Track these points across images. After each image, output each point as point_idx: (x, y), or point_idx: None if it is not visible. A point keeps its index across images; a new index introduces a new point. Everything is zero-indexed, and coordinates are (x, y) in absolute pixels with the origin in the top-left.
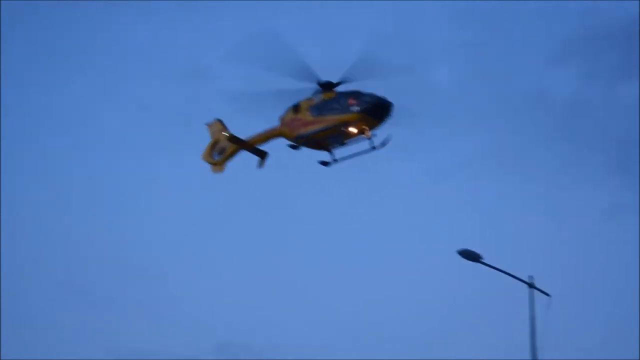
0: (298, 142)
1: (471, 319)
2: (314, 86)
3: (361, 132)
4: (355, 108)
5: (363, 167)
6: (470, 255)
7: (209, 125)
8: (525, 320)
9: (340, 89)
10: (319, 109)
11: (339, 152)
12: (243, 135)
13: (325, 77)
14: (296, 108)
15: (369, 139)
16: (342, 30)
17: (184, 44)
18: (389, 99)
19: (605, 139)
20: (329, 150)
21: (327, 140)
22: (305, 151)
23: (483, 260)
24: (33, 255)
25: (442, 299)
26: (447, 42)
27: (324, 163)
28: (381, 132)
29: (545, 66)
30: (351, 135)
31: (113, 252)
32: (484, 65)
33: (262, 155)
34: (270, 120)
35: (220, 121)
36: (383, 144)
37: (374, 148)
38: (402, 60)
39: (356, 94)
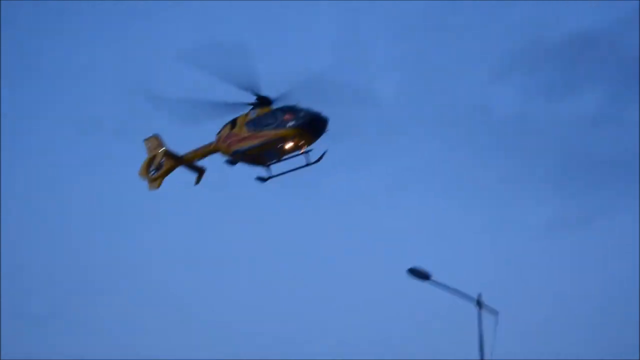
0: (235, 157)
1: (422, 337)
2: (250, 101)
3: (297, 147)
4: (291, 123)
5: (308, 183)
6: (420, 274)
7: (146, 140)
8: (475, 337)
9: (277, 104)
10: (255, 124)
11: (276, 167)
12: (180, 150)
13: (265, 92)
14: (233, 123)
15: (305, 154)
16: (285, 45)
17: (127, 55)
18: (324, 115)
19: (547, 154)
20: (266, 166)
21: (263, 155)
22: (242, 167)
23: (432, 279)
24: (34, 256)
25: (392, 318)
26: (390, 55)
27: (262, 179)
28: (318, 147)
29: (488, 80)
30: (287, 150)
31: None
32: (427, 79)
33: (200, 171)
34: (208, 134)
35: (157, 137)
36: (319, 159)
37: (310, 163)
38: (346, 74)
39: (292, 110)
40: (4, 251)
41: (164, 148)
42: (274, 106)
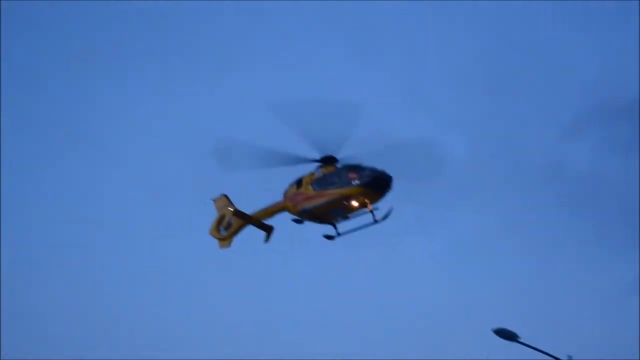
0: (302, 216)
1: None
2: (316, 159)
3: (363, 205)
4: (356, 182)
5: (378, 243)
6: (506, 334)
7: (215, 200)
8: None
9: (342, 163)
10: (321, 183)
11: (343, 225)
12: (248, 210)
13: (330, 151)
14: (299, 183)
15: (371, 212)
16: (346, 103)
17: (189, 117)
18: (389, 173)
19: (625, 211)
20: (332, 224)
21: (329, 213)
22: (309, 225)
23: (519, 340)
24: (36, 255)
25: None
26: (459, 113)
27: (329, 237)
28: (383, 205)
29: (560, 138)
30: (353, 208)
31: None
32: (497, 137)
33: (268, 229)
34: (274, 194)
35: (225, 196)
36: (385, 216)
37: (376, 221)
38: (412, 131)
39: (356, 168)
40: (4, 251)
41: (232, 207)
42: (339, 165)
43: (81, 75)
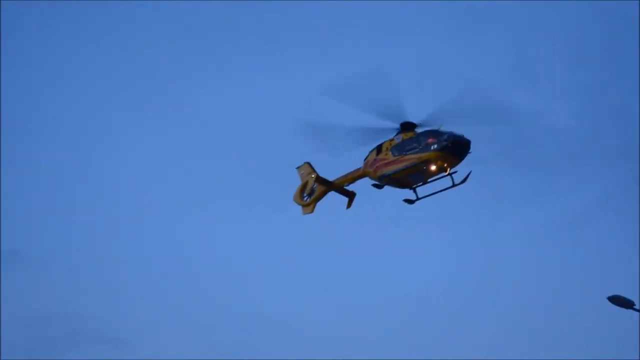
0: (382, 181)
1: None
2: (395, 126)
3: (442, 169)
4: (434, 147)
5: (491, 214)
6: (622, 302)
7: (299, 168)
8: None
9: (422, 129)
10: (400, 148)
11: (422, 189)
12: (330, 176)
13: (411, 117)
14: (379, 149)
15: (450, 176)
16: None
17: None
18: (466, 137)
19: None
20: (412, 188)
21: (408, 178)
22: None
23: (636, 307)
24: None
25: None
26: (567, 84)
27: (409, 201)
28: (462, 169)
29: None
30: (432, 173)
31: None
32: (607, 108)
33: (350, 195)
34: (355, 161)
35: (309, 164)
36: (463, 180)
37: (455, 184)
38: (519, 101)
39: (434, 133)
40: (4, 249)
41: (315, 174)
42: (418, 130)
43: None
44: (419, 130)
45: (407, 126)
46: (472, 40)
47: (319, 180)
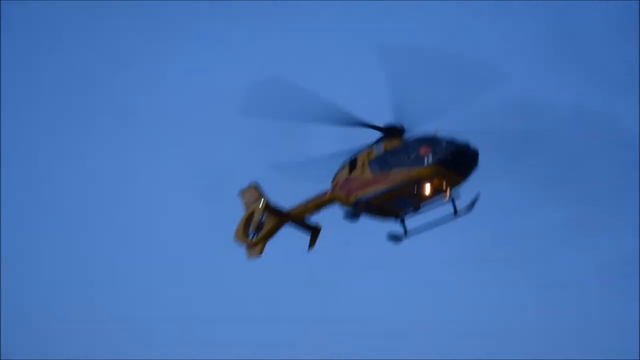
0: (357, 209)
1: None
2: (374, 133)
3: (438, 191)
4: (429, 159)
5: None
6: None
7: (243, 192)
8: None
9: (410, 135)
10: (382, 163)
11: (413, 220)
12: (287, 203)
13: (396, 120)
14: (352, 164)
15: (451, 200)
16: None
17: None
18: (473, 146)
19: None
20: (398, 219)
21: (394, 204)
22: (367, 221)
23: None
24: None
25: None
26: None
27: (395, 238)
28: (466, 191)
29: None
30: (427, 196)
31: None
32: None
33: (313, 230)
34: (321, 182)
35: (256, 186)
36: (470, 206)
37: (457, 213)
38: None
39: (429, 141)
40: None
41: (264, 200)
42: (407, 137)
43: None
44: (407, 137)
45: (391, 131)
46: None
47: (270, 209)
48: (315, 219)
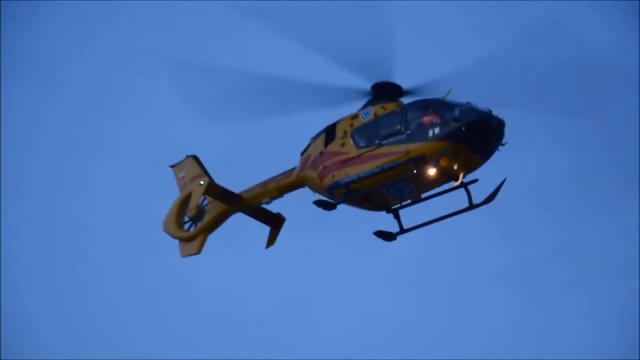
0: (334, 195)
1: None
2: (363, 92)
3: (449, 175)
4: (435, 131)
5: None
6: None
7: (175, 166)
8: None
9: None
10: (370, 133)
11: (410, 212)
12: (237, 186)
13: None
14: (330, 133)
15: (464, 187)
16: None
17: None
18: (496, 115)
19: None
20: (391, 211)
21: (385, 191)
22: (347, 211)
23: None
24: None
25: None
26: None
27: (385, 235)
28: (484, 175)
29: None
30: (430, 182)
31: None
32: None
33: (274, 221)
34: (286, 161)
35: (194, 158)
36: (491, 196)
37: (475, 204)
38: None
39: (436, 105)
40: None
41: (207, 180)
42: (404, 100)
43: None
44: (406, 100)
45: (385, 90)
46: None
47: (215, 191)
48: (276, 206)
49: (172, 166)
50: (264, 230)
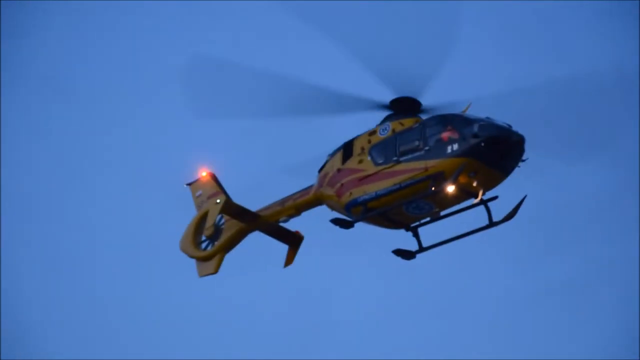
0: (352, 213)
1: None
2: (383, 104)
3: (468, 192)
4: (455, 147)
5: None
6: None
7: (194, 184)
8: None
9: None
10: (388, 150)
11: (429, 230)
12: (255, 205)
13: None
14: (347, 150)
15: (484, 204)
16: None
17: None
18: (517, 131)
19: None
20: (410, 229)
21: (404, 209)
22: (365, 230)
23: None
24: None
25: None
26: None
27: (405, 254)
28: (505, 192)
29: None
30: (450, 199)
31: None
32: None
33: (292, 240)
34: (306, 178)
35: (212, 177)
36: (512, 214)
37: (493, 222)
38: None
39: (456, 120)
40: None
41: (224, 198)
42: (424, 116)
43: None
44: (425, 116)
45: (404, 105)
46: None
47: (232, 209)
48: (294, 224)
49: (188, 184)
50: (283, 248)
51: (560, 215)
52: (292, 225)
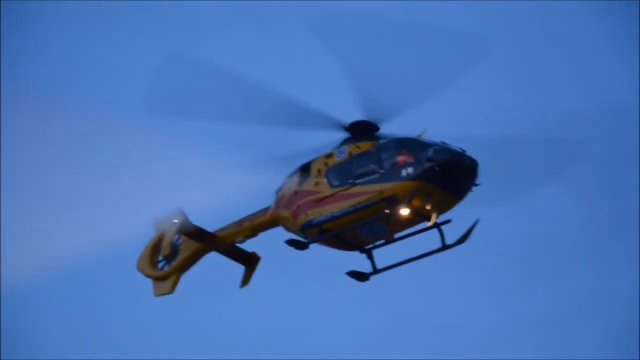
0: (307, 235)
1: None
2: (336, 132)
3: (421, 215)
4: (409, 171)
5: None
6: None
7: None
8: None
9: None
10: (344, 172)
11: (383, 253)
12: (211, 225)
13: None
14: (304, 172)
15: (437, 227)
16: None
17: None
18: (470, 155)
19: None
20: (364, 251)
21: (358, 231)
22: (320, 252)
23: None
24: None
25: None
26: None
27: (358, 275)
28: (458, 215)
29: None
30: (403, 222)
31: None
32: None
33: (249, 260)
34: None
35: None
36: (465, 236)
37: (448, 245)
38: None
39: (412, 145)
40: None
41: (181, 217)
42: (380, 140)
43: None
44: (382, 140)
45: (360, 129)
46: None
47: (187, 229)
48: (251, 245)
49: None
50: (239, 269)
51: (517, 239)
52: (249, 246)
